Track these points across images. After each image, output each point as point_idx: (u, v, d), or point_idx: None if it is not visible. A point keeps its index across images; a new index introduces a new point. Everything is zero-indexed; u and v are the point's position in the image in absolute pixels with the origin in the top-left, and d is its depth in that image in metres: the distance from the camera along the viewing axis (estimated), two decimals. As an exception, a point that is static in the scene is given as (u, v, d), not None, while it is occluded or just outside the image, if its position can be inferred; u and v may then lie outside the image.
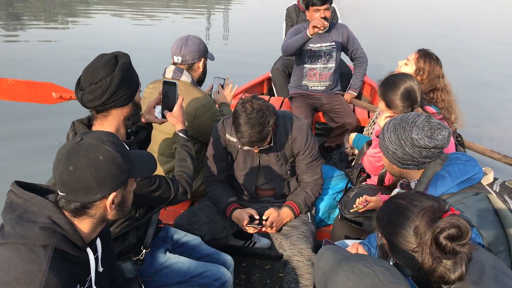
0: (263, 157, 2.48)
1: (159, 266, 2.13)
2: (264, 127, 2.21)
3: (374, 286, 1.08)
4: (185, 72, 2.67)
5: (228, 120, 2.49)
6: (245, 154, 2.49)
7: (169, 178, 1.98)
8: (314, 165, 2.53)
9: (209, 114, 2.67)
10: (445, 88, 2.79)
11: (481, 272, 1.29)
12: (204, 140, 2.77)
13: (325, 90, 4.20)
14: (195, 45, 2.70)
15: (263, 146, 2.30)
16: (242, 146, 2.30)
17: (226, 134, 2.48)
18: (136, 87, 1.86)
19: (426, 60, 2.75)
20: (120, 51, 1.83)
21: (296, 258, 2.32)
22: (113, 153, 1.29)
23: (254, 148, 2.30)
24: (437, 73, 2.76)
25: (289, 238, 2.41)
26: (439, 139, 1.71)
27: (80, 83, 1.77)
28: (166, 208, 2.86)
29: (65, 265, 1.25)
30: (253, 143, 2.24)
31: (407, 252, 1.31)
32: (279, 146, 2.45)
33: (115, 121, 1.82)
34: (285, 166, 2.52)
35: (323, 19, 3.73)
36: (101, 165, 1.26)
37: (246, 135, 2.19)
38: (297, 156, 2.50)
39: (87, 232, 1.34)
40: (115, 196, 1.32)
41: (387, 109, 2.43)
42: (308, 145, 2.46)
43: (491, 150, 3.47)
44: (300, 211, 2.51)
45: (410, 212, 1.32)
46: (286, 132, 2.43)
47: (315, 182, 2.56)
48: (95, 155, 1.26)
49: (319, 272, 1.29)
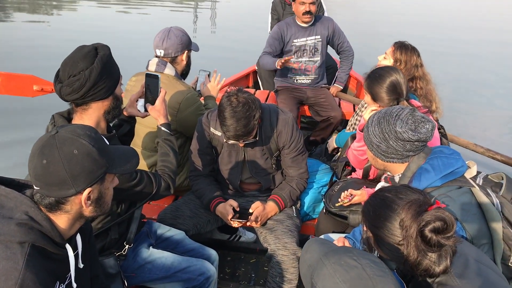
0: (248, 151, 2.46)
1: (142, 262, 2.10)
2: (250, 120, 2.19)
3: (361, 279, 1.07)
4: (168, 65, 2.62)
5: (213, 114, 2.46)
6: (230, 148, 2.47)
7: (151, 173, 1.95)
8: (299, 159, 2.52)
9: (193, 108, 2.63)
10: (424, 77, 2.84)
11: (465, 265, 1.30)
12: (188, 134, 2.74)
13: (310, 83, 4.20)
14: (177, 37, 2.65)
15: (248, 140, 2.28)
16: (228, 140, 2.28)
17: (210, 128, 2.45)
18: (117, 80, 1.81)
19: (402, 51, 2.84)
20: (100, 42, 1.79)
21: (280, 252, 2.31)
22: (89, 147, 1.25)
23: (240, 142, 2.28)
24: (414, 62, 2.81)
25: (274, 232, 2.40)
26: (422, 132, 1.71)
27: (58, 76, 1.72)
28: (150, 203, 2.82)
29: (43, 262, 1.22)
30: (238, 137, 2.22)
31: (392, 245, 1.31)
32: (264, 140, 2.43)
33: (95, 114, 1.78)
34: (270, 160, 2.51)
35: (307, 14, 3.76)
36: (75, 159, 1.23)
37: (232, 128, 2.17)
38: (282, 150, 2.48)
39: (65, 228, 1.30)
40: (90, 192, 1.28)
41: (373, 102, 2.43)
42: (293, 139, 2.44)
43: (474, 144, 3.50)
44: (285, 205, 2.50)
45: (395, 205, 1.32)
46: (272, 126, 2.41)
47: (300, 176, 2.55)
48: (69, 149, 1.23)
49: (305, 265, 1.28)
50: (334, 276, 1.09)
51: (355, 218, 2.40)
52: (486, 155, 3.41)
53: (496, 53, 10.40)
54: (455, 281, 1.26)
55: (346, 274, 1.08)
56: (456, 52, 10.23)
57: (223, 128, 2.22)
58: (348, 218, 2.42)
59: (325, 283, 1.10)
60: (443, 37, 11.54)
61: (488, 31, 13.02)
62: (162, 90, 2.10)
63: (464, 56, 9.96)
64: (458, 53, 10.15)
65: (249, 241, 3.16)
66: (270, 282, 2.36)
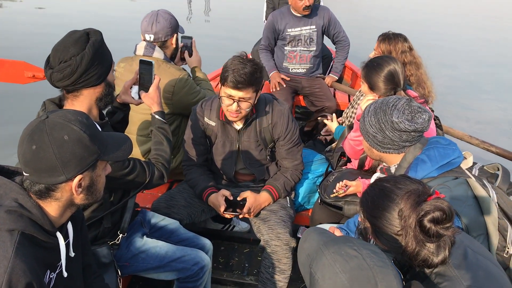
0: (242, 142, 2.43)
1: (136, 251, 2.09)
2: (255, 73, 2.13)
3: (361, 269, 1.06)
4: (157, 49, 2.59)
5: (207, 103, 2.43)
6: (224, 138, 2.44)
7: (144, 161, 1.92)
8: (294, 151, 2.49)
9: (186, 88, 2.61)
10: (414, 62, 2.82)
11: (464, 255, 1.29)
12: (186, 113, 2.72)
13: (305, 72, 4.17)
14: (166, 21, 2.60)
15: (245, 99, 2.17)
16: (225, 87, 2.17)
17: (204, 117, 2.42)
18: (109, 66, 1.78)
19: (385, 42, 2.86)
20: (92, 27, 1.75)
21: (273, 243, 2.30)
22: (80, 133, 1.22)
23: (235, 97, 2.16)
24: (400, 49, 2.82)
25: (267, 222, 2.38)
26: (419, 122, 1.70)
27: (49, 61, 1.68)
28: (143, 192, 2.81)
29: (33, 250, 1.20)
30: (238, 83, 2.11)
31: (391, 235, 1.30)
32: (259, 131, 2.40)
33: (87, 101, 1.74)
34: (264, 151, 2.48)
35: (307, 8, 3.81)
36: (66, 145, 1.20)
37: (236, 71, 2.10)
38: (277, 141, 2.46)
39: (55, 216, 1.28)
40: (81, 179, 1.25)
41: (370, 91, 2.41)
42: (288, 131, 2.41)
43: (469, 136, 3.49)
44: (279, 195, 2.48)
45: (394, 195, 1.31)
46: (267, 116, 2.39)
47: (295, 167, 2.53)
48: (60, 134, 1.20)
49: (303, 254, 1.27)
50: (334, 266, 1.08)
51: (350, 208, 2.40)
52: (481, 147, 3.40)
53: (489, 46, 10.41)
54: (453, 271, 1.25)
55: (346, 264, 1.07)
56: (449, 45, 10.23)
57: (225, 74, 2.14)
58: (343, 208, 2.42)
59: (324, 273, 1.08)
60: (438, 30, 11.53)
61: (483, 23, 13.01)
62: (156, 77, 2.06)
63: (457, 48, 9.96)
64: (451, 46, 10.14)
65: (243, 231, 3.16)
66: (263, 272, 2.35)
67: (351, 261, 1.07)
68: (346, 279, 1.05)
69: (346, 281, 1.04)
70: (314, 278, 1.11)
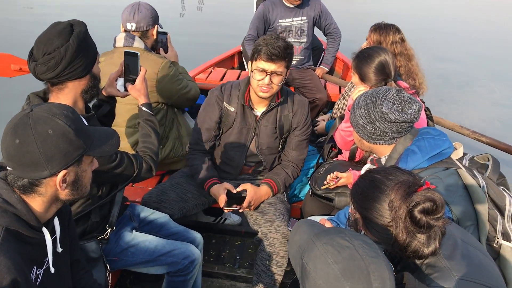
0: (260, 126, 2.42)
1: (125, 245, 2.06)
2: (287, 47, 2.18)
3: (353, 259, 1.05)
4: (137, 39, 2.57)
5: (226, 87, 2.43)
6: (242, 124, 2.42)
7: (132, 154, 1.90)
8: (303, 145, 2.51)
9: (169, 76, 2.61)
10: (405, 53, 2.82)
11: (454, 246, 1.29)
12: (170, 102, 2.73)
13: (296, 64, 4.14)
14: (148, 10, 2.60)
15: (277, 72, 2.19)
16: (257, 61, 2.18)
17: (224, 102, 2.41)
18: (94, 58, 1.75)
19: (376, 32, 2.86)
20: (76, 19, 1.72)
21: (272, 235, 2.29)
22: (64, 128, 1.19)
23: (268, 70, 2.17)
24: (391, 40, 2.82)
25: (266, 215, 2.37)
26: (409, 113, 1.69)
27: (32, 54, 1.65)
28: (133, 185, 2.78)
29: (18, 246, 1.18)
30: (272, 54, 2.13)
31: (381, 226, 1.29)
32: (279, 118, 2.42)
33: (72, 94, 1.72)
34: (279, 140, 2.49)
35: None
36: (50, 139, 1.17)
37: (269, 44, 2.14)
38: (292, 131, 2.47)
39: (41, 211, 1.25)
40: (66, 174, 1.23)
41: (361, 82, 2.40)
42: (306, 122, 2.46)
43: (460, 126, 3.51)
44: (278, 190, 2.48)
45: (384, 186, 1.30)
46: (288, 105, 2.42)
47: (299, 161, 2.53)
48: (44, 128, 1.17)
49: (294, 246, 1.25)
50: (326, 257, 1.06)
51: (341, 200, 2.39)
52: (472, 137, 3.42)
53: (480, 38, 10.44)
54: (444, 262, 1.25)
55: (338, 255, 1.06)
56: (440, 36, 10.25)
57: (258, 48, 2.17)
58: (334, 200, 2.41)
59: (316, 264, 1.07)
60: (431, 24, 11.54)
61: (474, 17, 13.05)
62: (142, 68, 2.03)
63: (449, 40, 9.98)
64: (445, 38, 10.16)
65: (235, 223, 3.14)
66: (259, 265, 2.34)
67: (343, 252, 1.06)
68: (338, 269, 1.04)
69: (339, 272, 1.03)
70: (305, 270, 1.10)
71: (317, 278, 1.05)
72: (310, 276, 1.08)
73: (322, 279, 1.04)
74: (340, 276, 1.03)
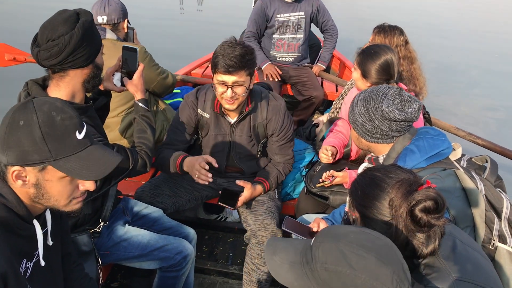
0: (235, 136, 2.37)
1: (118, 239, 2.04)
2: (245, 54, 2.06)
3: (381, 245, 1.03)
4: (108, 30, 2.59)
5: (201, 93, 2.36)
6: (217, 131, 2.37)
7: (128, 148, 1.88)
8: (286, 147, 2.45)
9: (147, 59, 2.66)
10: (408, 56, 2.79)
11: (453, 247, 1.28)
12: (151, 89, 2.77)
13: (293, 61, 4.13)
14: (117, 4, 2.65)
15: (238, 83, 2.10)
16: (217, 74, 2.09)
17: (198, 109, 2.35)
18: (98, 48, 1.74)
19: (380, 35, 2.82)
20: (83, 8, 1.71)
21: (260, 233, 2.27)
22: (34, 126, 1.11)
23: (228, 83, 2.08)
24: (395, 43, 2.78)
25: (254, 212, 2.35)
26: (409, 112, 1.67)
27: (36, 39, 1.64)
28: (126, 179, 2.75)
29: (7, 238, 1.14)
30: (229, 66, 2.04)
31: (380, 225, 1.27)
32: (252, 126, 2.35)
33: (72, 83, 1.70)
34: (256, 147, 2.43)
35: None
36: (16, 130, 1.11)
37: (225, 55, 2.03)
38: (270, 137, 2.41)
39: (30, 204, 1.21)
40: (22, 172, 1.14)
41: (362, 78, 2.37)
42: (283, 128, 2.36)
43: (456, 128, 3.50)
44: (270, 188, 2.45)
45: (385, 184, 1.28)
46: (262, 111, 2.33)
47: (287, 161, 2.50)
48: (19, 117, 1.12)
49: (284, 265, 1.14)
50: (357, 251, 0.99)
51: (336, 199, 2.38)
52: (467, 139, 3.41)
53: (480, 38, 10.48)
54: (442, 262, 1.24)
55: (366, 245, 1.00)
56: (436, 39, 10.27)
57: (216, 60, 2.06)
58: (329, 199, 2.40)
59: (350, 262, 0.99)
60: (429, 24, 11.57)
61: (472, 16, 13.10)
62: (140, 64, 2.01)
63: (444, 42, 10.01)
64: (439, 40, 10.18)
65: (236, 221, 3.12)
66: (248, 263, 2.32)
67: (369, 241, 1.03)
68: (375, 257, 1.00)
69: (376, 259, 1.00)
70: (337, 274, 1.01)
71: (358, 275, 0.99)
72: (347, 277, 1.00)
73: (365, 273, 0.99)
74: (381, 263, 0.99)
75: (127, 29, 2.71)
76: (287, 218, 1.93)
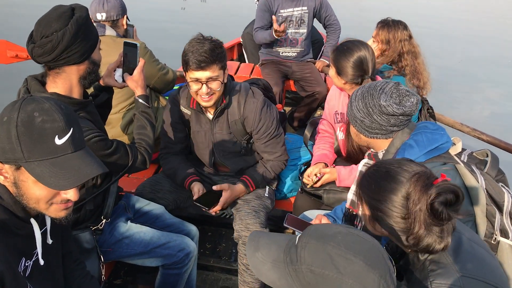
0: (215, 133, 2.34)
1: (120, 236, 2.04)
2: (215, 48, 2.04)
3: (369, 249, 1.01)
4: (107, 27, 2.60)
5: (184, 91, 2.35)
6: (198, 128, 2.35)
7: (127, 144, 1.87)
8: (273, 143, 2.37)
9: (147, 55, 2.66)
10: (412, 51, 2.77)
11: (459, 243, 1.27)
12: (151, 85, 2.79)
13: (296, 56, 4.11)
14: (116, 1, 2.65)
15: (212, 78, 2.07)
16: (189, 72, 2.08)
17: (180, 106, 2.36)
18: (94, 44, 1.72)
19: (384, 30, 2.80)
20: (79, 3, 1.68)
21: (243, 234, 2.23)
22: (12, 125, 1.10)
23: (202, 79, 2.06)
24: (399, 37, 2.76)
25: (239, 212, 2.32)
26: (407, 105, 1.67)
27: (32, 36, 1.63)
28: (128, 175, 2.76)
29: (4, 237, 1.15)
30: (200, 62, 2.02)
31: (395, 219, 1.25)
32: (231, 123, 2.31)
33: (69, 79, 1.69)
34: (239, 144, 2.39)
35: None
36: (0, 125, 1.11)
37: (195, 52, 2.02)
38: (252, 135, 2.36)
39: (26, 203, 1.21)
40: (1, 167, 1.14)
41: (337, 76, 2.35)
42: (261, 125, 2.29)
43: (460, 123, 3.48)
44: (256, 186, 2.40)
45: (401, 177, 1.25)
46: (239, 108, 2.28)
47: (277, 159, 2.43)
48: (4, 113, 1.12)
49: (266, 263, 1.11)
50: (345, 255, 0.98)
51: (329, 197, 2.37)
52: (472, 134, 3.38)
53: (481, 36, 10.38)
54: (448, 259, 1.22)
55: (353, 248, 0.98)
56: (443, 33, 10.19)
57: (186, 58, 2.05)
58: (322, 198, 2.39)
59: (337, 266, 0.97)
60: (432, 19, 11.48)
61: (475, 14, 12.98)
62: (141, 60, 2.00)
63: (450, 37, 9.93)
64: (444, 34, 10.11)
65: None
66: (239, 264, 2.31)
67: (356, 244, 1.00)
68: (363, 261, 0.98)
69: (364, 264, 0.98)
70: (323, 277, 1.00)
71: (345, 280, 0.97)
72: (334, 281, 0.99)
73: (352, 277, 0.97)
74: (368, 267, 0.98)
75: (127, 26, 2.72)
76: (288, 215, 1.93)
